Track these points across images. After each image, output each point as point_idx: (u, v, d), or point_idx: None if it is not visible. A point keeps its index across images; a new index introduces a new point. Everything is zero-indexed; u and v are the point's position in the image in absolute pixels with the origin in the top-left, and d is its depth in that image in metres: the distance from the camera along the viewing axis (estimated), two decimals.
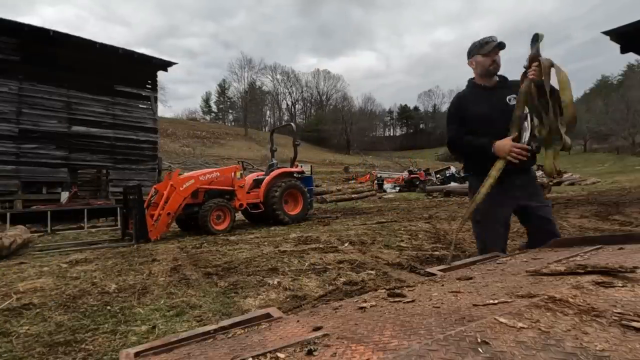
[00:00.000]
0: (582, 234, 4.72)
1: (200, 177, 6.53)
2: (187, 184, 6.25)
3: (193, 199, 6.50)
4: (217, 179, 6.76)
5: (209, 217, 6.35)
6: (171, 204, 6.01)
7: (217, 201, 6.58)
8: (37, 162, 11.44)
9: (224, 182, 6.89)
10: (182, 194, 6.16)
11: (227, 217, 6.69)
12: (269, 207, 7.19)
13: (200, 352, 0.90)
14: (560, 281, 1.04)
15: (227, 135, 54.39)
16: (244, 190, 7.09)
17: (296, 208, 7.69)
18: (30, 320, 2.40)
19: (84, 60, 12.28)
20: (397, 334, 0.74)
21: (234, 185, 6.95)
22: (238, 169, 7.20)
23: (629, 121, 45.80)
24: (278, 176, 7.56)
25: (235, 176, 7.01)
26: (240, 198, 7.00)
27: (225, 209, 6.68)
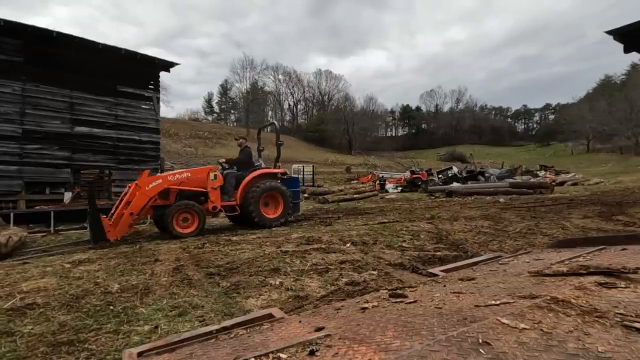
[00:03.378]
0: (585, 235, 4.70)
1: (168, 177, 6.31)
2: (154, 183, 6.04)
3: (164, 200, 6.26)
4: (188, 180, 6.45)
5: (171, 219, 6.01)
6: (135, 204, 5.80)
7: (183, 203, 6.22)
8: (41, 163, 11.50)
9: (197, 183, 6.55)
10: (148, 193, 5.94)
11: (195, 219, 6.31)
12: (245, 210, 6.80)
13: (203, 352, 0.90)
14: (562, 282, 1.04)
15: (229, 135, 54.47)
16: (218, 192, 6.69)
17: (277, 211, 7.24)
18: (33, 320, 2.41)
19: (87, 61, 12.33)
20: (399, 335, 0.74)
21: (207, 187, 6.59)
22: (213, 170, 6.82)
23: (632, 121, 45.55)
24: (258, 177, 7.16)
25: (209, 177, 6.64)
26: (213, 200, 6.59)
27: (193, 212, 6.29)
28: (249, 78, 67.84)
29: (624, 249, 1.49)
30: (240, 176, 7.09)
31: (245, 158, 7.45)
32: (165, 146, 31.03)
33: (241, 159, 7.47)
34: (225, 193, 6.83)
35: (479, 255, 3.50)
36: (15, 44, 11.11)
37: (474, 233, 5.35)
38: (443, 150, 66.23)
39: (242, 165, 7.38)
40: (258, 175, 7.17)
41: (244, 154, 7.49)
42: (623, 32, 8.62)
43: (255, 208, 6.79)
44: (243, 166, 7.36)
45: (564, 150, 59.43)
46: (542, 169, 30.40)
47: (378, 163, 48.63)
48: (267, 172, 7.40)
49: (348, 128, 66.60)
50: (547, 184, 15.57)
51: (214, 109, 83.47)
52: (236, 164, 7.45)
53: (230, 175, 6.99)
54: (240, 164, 7.40)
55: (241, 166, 7.37)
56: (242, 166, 7.36)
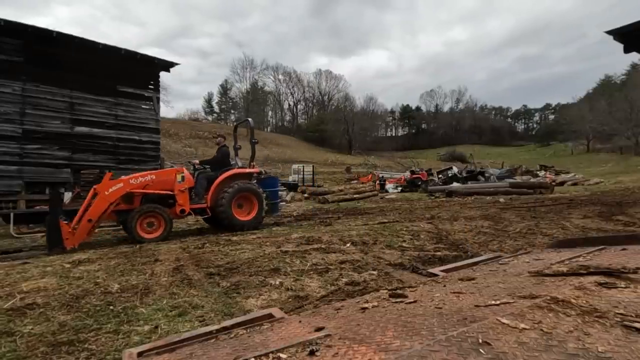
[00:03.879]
0: (585, 235, 4.70)
1: (130, 181, 5.96)
2: (114, 188, 5.75)
3: (128, 205, 5.99)
4: (152, 182, 6.15)
5: (135, 224, 5.74)
6: (93, 210, 5.52)
7: (145, 207, 5.94)
8: (41, 163, 11.50)
9: (163, 185, 6.25)
10: (108, 198, 5.65)
11: (160, 224, 6.01)
12: (216, 212, 6.48)
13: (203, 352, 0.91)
14: (562, 282, 1.04)
15: (229, 135, 54.46)
16: (186, 195, 6.36)
17: (251, 213, 6.88)
18: (33, 320, 2.41)
19: (87, 61, 12.34)
20: (399, 335, 0.74)
21: (174, 189, 6.28)
22: (180, 171, 6.50)
23: (632, 121, 45.55)
24: (230, 177, 6.75)
25: (176, 179, 6.33)
26: (181, 203, 6.26)
27: (159, 216, 5.99)
28: (249, 78, 68.02)
29: (624, 249, 1.49)
30: (212, 177, 6.74)
31: (220, 157, 7.06)
32: (165, 146, 31.03)
33: (217, 158, 7.12)
34: (196, 195, 6.52)
35: (479, 255, 3.50)
36: (15, 44, 11.11)
37: (474, 233, 5.36)
38: (443, 150, 66.24)
39: (218, 164, 7.00)
40: (231, 176, 6.77)
41: (220, 153, 7.11)
42: (623, 32, 8.62)
43: (226, 210, 6.42)
44: (218, 166, 6.98)
45: (564, 150, 59.44)
46: (542, 169, 30.41)
47: (378, 163, 48.64)
48: (241, 172, 6.99)
49: (348, 128, 66.59)
50: (547, 184, 15.58)
51: (214, 109, 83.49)
52: (211, 164, 7.13)
53: (201, 176, 6.68)
54: (215, 164, 7.04)
55: (216, 166, 7.00)
56: (217, 166, 6.99)
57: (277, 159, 41.46)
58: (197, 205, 6.44)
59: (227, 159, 7.16)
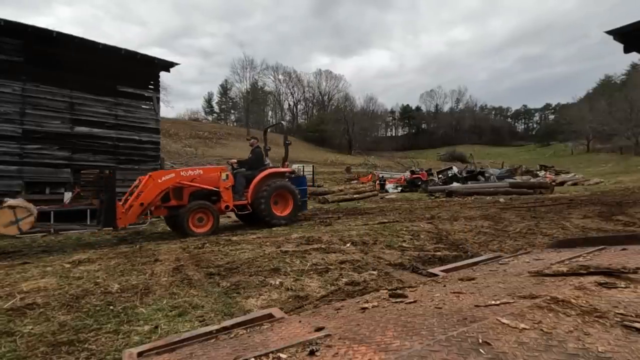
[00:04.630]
0: (585, 235, 4.70)
1: (181, 173, 6.46)
2: (166, 177, 6.21)
3: (178, 201, 6.40)
4: (199, 177, 6.60)
5: (187, 218, 6.12)
6: (146, 195, 5.91)
7: (199, 203, 6.38)
8: (41, 163, 11.49)
9: (209, 182, 6.67)
10: (160, 186, 6.06)
11: (209, 219, 6.43)
12: (257, 209, 6.94)
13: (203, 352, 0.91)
14: (562, 282, 1.04)
15: (229, 135, 54.50)
16: (230, 192, 6.82)
17: (286, 209, 7.37)
18: (33, 320, 2.41)
19: (87, 61, 12.33)
20: (399, 335, 0.74)
21: (219, 186, 6.71)
22: (224, 170, 7.01)
23: (632, 121, 45.55)
24: (267, 176, 7.27)
25: (221, 177, 6.80)
26: (226, 200, 6.72)
27: (208, 211, 6.43)
28: (249, 78, 67.92)
29: (624, 249, 1.49)
30: (249, 176, 7.23)
31: (255, 158, 7.59)
32: (165, 146, 31.03)
33: (251, 158, 7.62)
34: (236, 192, 6.96)
35: (479, 255, 3.50)
36: (15, 44, 11.10)
37: (474, 233, 5.35)
38: (443, 150, 66.23)
39: (253, 164, 7.53)
40: (267, 175, 7.29)
41: (254, 154, 7.63)
42: (623, 32, 8.62)
43: (266, 207, 6.93)
44: (253, 166, 7.51)
45: (564, 150, 59.44)
46: (542, 169, 30.40)
47: (378, 163, 48.62)
48: (276, 171, 7.55)
49: (348, 128, 66.57)
50: (547, 184, 15.58)
51: (214, 109, 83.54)
52: (247, 164, 7.62)
53: (239, 174, 7.15)
54: (251, 164, 7.56)
55: (252, 166, 7.52)
56: (252, 166, 7.51)
57: (277, 159, 41.43)
58: (239, 202, 6.93)
59: (261, 159, 7.70)
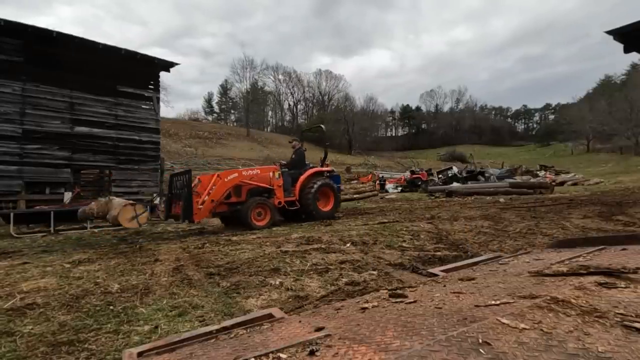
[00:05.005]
0: (585, 235, 4.70)
1: (243, 172, 7.27)
2: (231, 176, 7.00)
3: (237, 198, 7.06)
4: (257, 176, 7.35)
5: (249, 213, 6.79)
6: (216, 192, 6.64)
7: (258, 199, 7.08)
8: (41, 163, 11.50)
9: (264, 180, 7.39)
10: (227, 184, 6.83)
11: (267, 214, 7.11)
12: (304, 205, 7.65)
13: (203, 352, 0.91)
14: (562, 282, 1.04)
15: (229, 135, 54.48)
16: (282, 189, 7.54)
17: (328, 205, 8.13)
18: (33, 320, 2.41)
19: (87, 61, 12.34)
20: (398, 335, 0.74)
21: (272, 184, 7.44)
22: (276, 170, 7.66)
23: (632, 121, 45.54)
24: (312, 175, 7.97)
25: (274, 176, 7.51)
26: (278, 196, 7.46)
27: (266, 206, 7.12)
28: (249, 78, 67.80)
29: (624, 249, 1.49)
30: (294, 175, 7.90)
31: (298, 159, 8.31)
32: (165, 146, 31.02)
33: (295, 159, 8.34)
34: (285, 190, 7.64)
35: (479, 255, 3.50)
36: (15, 44, 11.11)
37: (474, 233, 5.35)
38: (443, 150, 66.24)
39: (296, 165, 8.21)
40: (312, 174, 8.00)
41: (297, 154, 8.36)
42: (623, 32, 8.61)
43: (313, 202, 7.63)
44: (297, 166, 8.18)
45: (564, 150, 59.44)
46: (542, 169, 30.39)
47: (378, 163, 48.62)
48: (319, 170, 8.27)
49: (348, 128, 66.57)
50: (547, 184, 15.57)
51: (214, 109, 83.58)
52: (292, 164, 8.28)
53: (285, 174, 7.79)
54: (294, 164, 8.24)
55: (295, 166, 8.18)
56: (295, 166, 8.18)
57: (277, 159, 41.43)
58: (288, 198, 7.61)
59: (303, 159, 8.42)
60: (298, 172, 7.97)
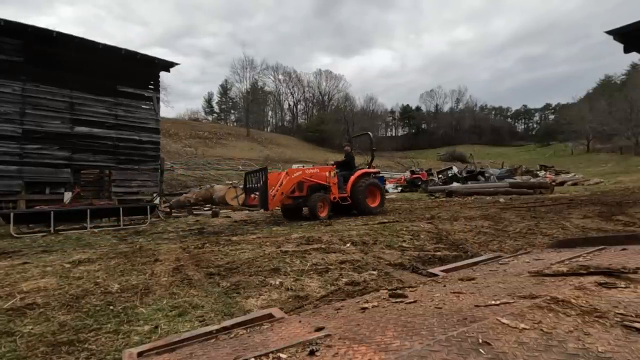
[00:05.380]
0: (585, 235, 4.70)
1: (305, 171, 8.61)
2: (297, 174, 8.33)
3: (299, 192, 8.36)
4: (316, 174, 8.59)
5: (316, 205, 8.10)
6: (285, 186, 7.93)
7: (320, 194, 8.36)
8: (41, 163, 11.49)
9: (322, 178, 8.61)
10: (293, 180, 8.15)
11: (325, 207, 8.37)
12: (355, 200, 8.74)
13: (203, 352, 0.91)
14: (562, 282, 1.04)
15: (229, 135, 54.49)
16: (336, 187, 8.71)
17: (375, 201, 9.18)
18: (33, 320, 2.41)
19: (87, 61, 12.33)
20: (398, 335, 0.74)
21: (329, 182, 8.63)
22: (332, 169, 8.87)
23: (632, 121, 45.52)
24: (361, 175, 9.12)
25: (330, 175, 8.72)
26: (334, 192, 8.62)
27: (325, 201, 8.39)
28: (249, 78, 67.82)
29: (624, 249, 1.49)
30: (345, 175, 9.08)
31: (348, 160, 9.63)
32: (165, 146, 31.03)
33: (346, 161, 9.66)
34: (339, 187, 8.80)
35: (479, 255, 3.50)
36: (15, 44, 11.10)
37: (474, 233, 5.35)
38: (443, 150, 66.23)
39: (347, 166, 9.48)
40: (361, 174, 9.15)
41: (348, 157, 9.71)
42: (623, 32, 8.61)
43: (362, 199, 8.76)
44: (348, 167, 9.45)
45: (564, 150, 59.42)
46: (542, 169, 30.37)
47: (378, 163, 48.62)
48: (368, 171, 9.45)
49: (348, 128, 66.55)
50: (547, 184, 15.57)
51: (214, 109, 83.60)
52: (343, 165, 9.54)
53: (338, 173, 8.99)
54: (345, 165, 9.51)
55: (346, 167, 9.45)
56: (347, 167, 9.45)
57: (277, 158, 41.45)
58: (341, 194, 8.71)
59: (353, 161, 9.77)
60: (349, 173, 9.14)
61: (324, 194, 8.44)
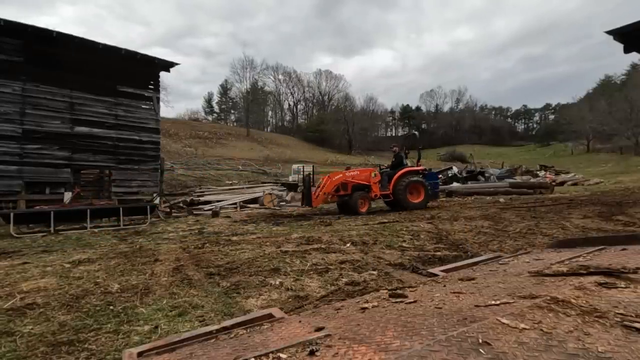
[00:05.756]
0: (585, 235, 4.70)
1: (346, 174, 9.91)
2: (337, 177, 9.77)
3: (344, 191, 9.68)
4: (357, 176, 9.82)
5: (357, 203, 9.34)
6: (327, 187, 9.49)
7: (360, 193, 9.58)
8: (41, 163, 11.48)
9: (364, 179, 9.79)
10: (334, 182, 9.59)
11: (366, 203, 9.58)
12: (396, 197, 9.64)
13: (203, 352, 0.91)
14: (562, 282, 1.04)
15: (229, 135, 54.46)
16: (377, 185, 9.77)
17: (419, 198, 9.88)
18: (33, 320, 2.41)
19: (87, 61, 12.32)
20: (398, 335, 0.74)
21: (370, 182, 9.74)
22: (373, 171, 10.06)
23: (632, 121, 45.48)
24: (404, 174, 9.89)
25: (371, 175, 9.86)
26: (374, 191, 9.72)
27: (365, 198, 9.62)
28: (249, 78, 67.71)
29: (624, 249, 1.49)
30: (391, 174, 10.08)
31: (396, 161, 10.56)
32: (165, 146, 31.02)
33: (394, 162, 10.65)
34: (382, 186, 9.87)
35: (479, 255, 3.50)
36: (15, 44, 11.10)
37: (474, 233, 5.35)
38: (443, 150, 66.18)
39: (395, 166, 10.48)
40: (404, 173, 9.95)
41: (396, 158, 10.64)
42: (623, 32, 8.61)
43: (403, 196, 9.61)
44: (396, 166, 10.42)
45: (564, 150, 59.37)
46: (542, 169, 30.36)
47: (378, 163, 48.60)
48: (411, 169, 10.19)
49: (348, 128, 66.55)
50: (547, 184, 15.57)
51: (214, 109, 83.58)
52: (392, 165, 10.65)
53: (384, 173, 10.19)
54: (393, 165, 10.57)
55: (395, 167, 10.45)
56: (395, 166, 10.43)
57: (277, 158, 41.44)
58: (384, 192, 9.81)
59: (401, 161, 10.54)
60: (394, 172, 10.06)
61: (365, 193, 9.61)
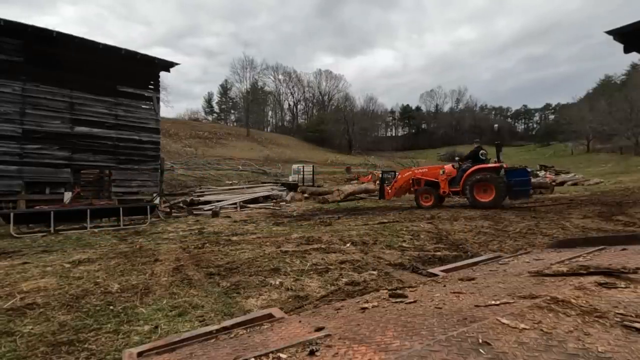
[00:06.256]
0: (585, 235, 4.70)
1: (415, 171, 11.06)
2: (407, 173, 11.10)
3: (417, 186, 10.65)
4: (426, 173, 10.69)
5: (420, 197, 10.31)
6: (397, 182, 11.20)
7: (423, 188, 10.44)
8: (41, 163, 11.48)
9: (433, 175, 10.47)
10: (405, 178, 11.04)
11: (431, 198, 10.22)
12: (465, 194, 9.72)
13: (203, 352, 0.91)
14: (562, 282, 1.04)
15: (229, 135, 54.45)
16: (446, 182, 10.10)
17: (490, 196, 9.42)
18: (33, 320, 2.41)
19: (87, 61, 12.33)
20: (398, 335, 0.74)
21: (438, 179, 10.20)
22: (442, 168, 10.51)
23: (632, 121, 45.46)
24: (475, 171, 9.72)
25: (440, 172, 10.31)
26: (443, 187, 10.14)
27: (429, 193, 10.27)
28: (249, 78, 67.71)
29: (624, 249, 1.49)
30: (466, 169, 9.94)
31: (471, 154, 10.31)
32: (165, 146, 31.02)
33: (468, 155, 10.49)
34: (455, 182, 9.97)
35: (479, 255, 3.50)
36: (15, 44, 11.10)
37: (474, 233, 5.35)
38: (443, 150, 66.17)
39: (471, 159, 10.24)
40: (475, 170, 9.71)
41: (471, 151, 10.43)
42: (623, 32, 8.61)
43: (470, 193, 9.52)
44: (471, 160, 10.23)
45: (564, 150, 59.35)
46: (542, 169, 30.36)
47: (378, 163, 48.62)
48: (483, 167, 9.80)
49: (348, 128, 66.54)
50: (547, 184, 15.56)
51: (214, 109, 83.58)
52: (466, 159, 10.47)
53: (461, 169, 10.12)
54: (468, 159, 10.38)
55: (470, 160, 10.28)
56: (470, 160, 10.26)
57: (277, 158, 41.44)
58: (454, 189, 10.01)
59: (477, 155, 10.17)
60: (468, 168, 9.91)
61: (429, 188, 10.28)
